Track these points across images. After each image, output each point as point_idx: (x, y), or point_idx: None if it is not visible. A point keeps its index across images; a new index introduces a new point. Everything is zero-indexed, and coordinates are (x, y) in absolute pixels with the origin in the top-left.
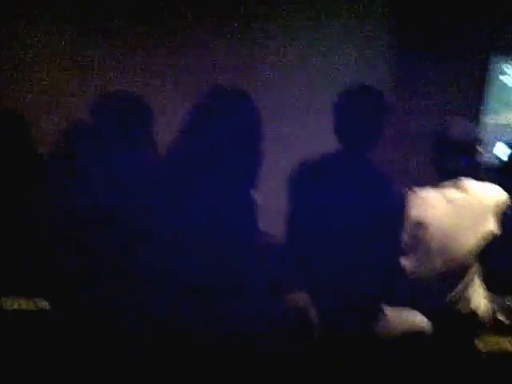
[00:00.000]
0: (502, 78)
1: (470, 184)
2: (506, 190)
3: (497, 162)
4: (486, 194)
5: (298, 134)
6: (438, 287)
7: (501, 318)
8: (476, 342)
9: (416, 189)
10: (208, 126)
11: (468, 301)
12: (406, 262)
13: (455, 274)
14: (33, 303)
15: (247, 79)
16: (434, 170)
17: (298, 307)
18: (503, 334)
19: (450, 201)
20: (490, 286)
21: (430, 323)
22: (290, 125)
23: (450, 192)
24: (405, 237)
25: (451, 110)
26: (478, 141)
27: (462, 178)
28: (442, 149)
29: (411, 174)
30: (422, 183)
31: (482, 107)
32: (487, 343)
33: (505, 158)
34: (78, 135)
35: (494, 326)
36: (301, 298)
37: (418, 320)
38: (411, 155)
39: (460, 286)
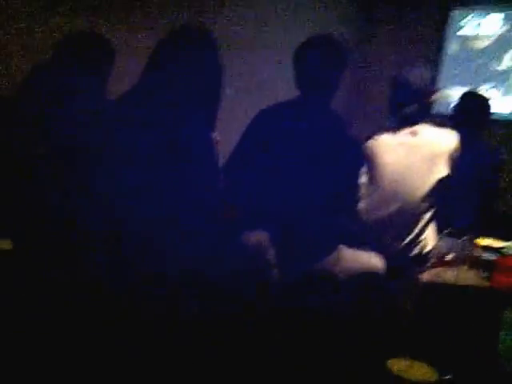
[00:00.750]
0: (459, 32)
1: (423, 129)
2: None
3: (452, 111)
4: (439, 140)
5: (259, 81)
6: (393, 231)
7: (448, 257)
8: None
9: (372, 134)
10: (166, 70)
11: (423, 246)
12: (362, 205)
13: (410, 217)
14: None
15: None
16: (391, 117)
17: (258, 246)
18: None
19: (402, 144)
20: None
21: (384, 263)
22: (253, 73)
23: (404, 136)
24: (362, 180)
25: (410, 60)
26: (434, 89)
27: (418, 125)
28: (400, 96)
29: (370, 120)
30: (380, 129)
31: (441, 58)
32: (432, 275)
33: (459, 108)
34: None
35: (440, 262)
36: (260, 237)
37: (374, 260)
38: (371, 102)
39: (416, 231)
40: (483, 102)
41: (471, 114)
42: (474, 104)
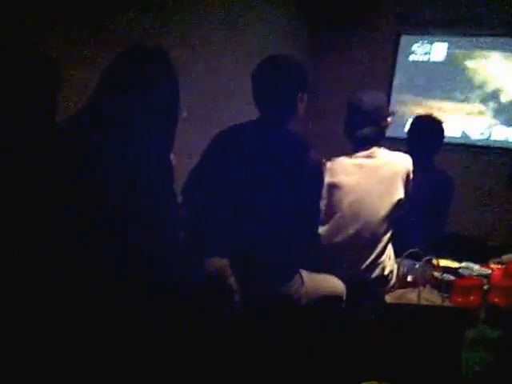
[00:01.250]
0: (410, 57)
1: (380, 152)
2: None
3: (406, 133)
4: (395, 162)
5: (217, 104)
6: (353, 254)
7: (409, 278)
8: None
9: (331, 157)
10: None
11: (383, 267)
12: (322, 230)
13: (370, 239)
14: None
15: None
16: (348, 140)
17: (219, 273)
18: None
19: (361, 167)
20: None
21: (345, 287)
22: (211, 94)
23: (362, 159)
24: (321, 204)
25: (364, 85)
26: (388, 113)
27: (374, 148)
28: (355, 120)
29: (328, 144)
30: (338, 153)
31: (393, 83)
32: (393, 297)
33: (412, 131)
34: None
35: (402, 284)
36: (220, 264)
37: (335, 284)
38: (327, 126)
39: (375, 253)
40: (436, 125)
41: (424, 137)
42: (426, 127)
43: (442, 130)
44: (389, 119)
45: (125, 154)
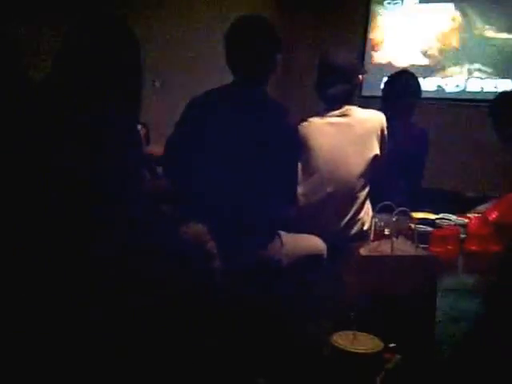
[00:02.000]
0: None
1: (353, 111)
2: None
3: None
4: (369, 119)
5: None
6: (331, 212)
7: (387, 232)
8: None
9: (305, 118)
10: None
11: (362, 223)
12: (300, 190)
13: (347, 197)
14: None
15: None
16: (320, 99)
17: (196, 238)
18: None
19: (334, 126)
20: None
21: (325, 245)
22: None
23: (335, 118)
24: (299, 165)
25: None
26: (360, 71)
27: (347, 106)
28: (326, 78)
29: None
30: (311, 113)
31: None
32: (368, 249)
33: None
34: None
35: (379, 237)
36: (198, 229)
37: (314, 243)
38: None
39: (353, 210)
40: (411, 81)
41: (400, 94)
42: (402, 83)
43: (418, 86)
44: (360, 77)
45: (88, 126)
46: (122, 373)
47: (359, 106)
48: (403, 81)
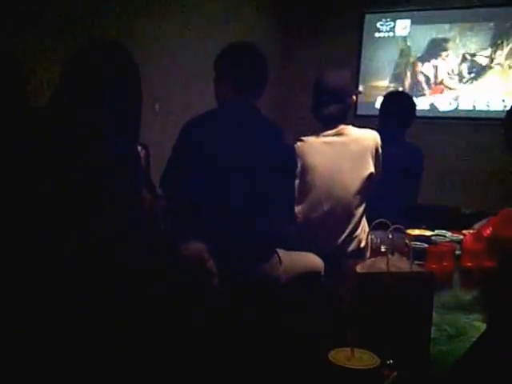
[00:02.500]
0: (376, 34)
1: (348, 130)
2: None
3: (379, 111)
4: (364, 138)
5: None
6: (329, 230)
7: (383, 249)
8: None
9: (301, 138)
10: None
11: (359, 241)
12: (298, 208)
13: (344, 215)
14: None
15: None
16: (316, 120)
17: (196, 257)
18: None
19: (330, 145)
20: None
21: (323, 262)
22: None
23: (331, 137)
24: (296, 184)
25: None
26: (353, 91)
27: (341, 125)
28: (320, 98)
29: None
30: (307, 132)
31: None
32: (364, 266)
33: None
34: None
35: (375, 254)
36: (198, 247)
37: (312, 260)
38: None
39: (350, 227)
40: (406, 101)
41: (395, 113)
42: (398, 103)
43: (414, 106)
44: (354, 97)
45: (90, 149)
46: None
47: (354, 125)
48: (399, 101)
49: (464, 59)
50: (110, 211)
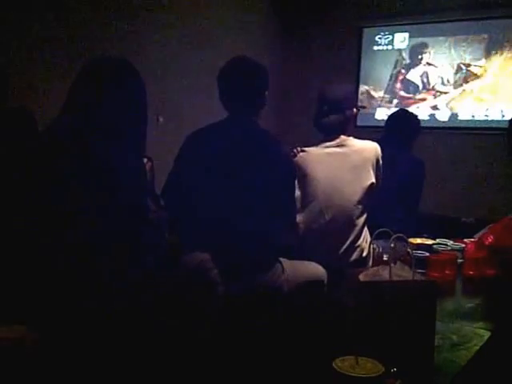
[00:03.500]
0: (375, 48)
1: (349, 141)
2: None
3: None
4: (364, 149)
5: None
6: (330, 239)
7: (385, 257)
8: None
9: (302, 148)
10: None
11: (361, 250)
12: (299, 218)
13: (345, 224)
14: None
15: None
16: (317, 130)
17: (200, 267)
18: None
19: (331, 155)
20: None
21: (325, 272)
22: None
23: (332, 148)
24: (297, 194)
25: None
26: (354, 104)
27: (342, 136)
28: (322, 109)
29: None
30: (309, 143)
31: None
32: (367, 275)
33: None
34: None
35: (378, 263)
36: (202, 257)
37: (315, 269)
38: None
39: (352, 237)
40: (411, 119)
41: (400, 130)
42: (404, 122)
43: (418, 124)
44: (355, 110)
45: (96, 161)
46: None
47: (354, 136)
48: (406, 118)
49: (459, 69)
50: (117, 221)
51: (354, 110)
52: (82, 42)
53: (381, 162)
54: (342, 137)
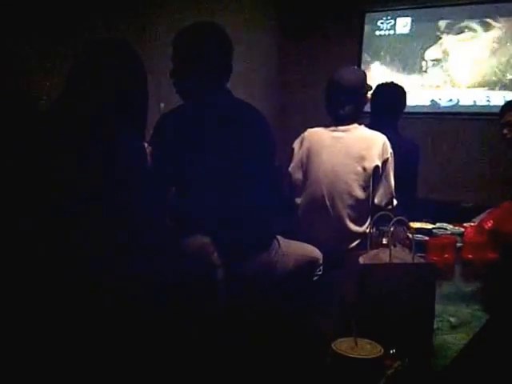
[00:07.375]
0: (377, 32)
1: (358, 128)
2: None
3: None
4: (370, 137)
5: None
6: (330, 223)
7: (385, 241)
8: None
9: (311, 127)
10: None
11: (360, 234)
12: (300, 200)
13: (345, 208)
14: None
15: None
16: (330, 116)
17: (201, 250)
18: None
19: (337, 139)
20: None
21: (320, 253)
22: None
23: (340, 133)
24: (298, 174)
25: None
26: (367, 89)
27: (354, 124)
28: (337, 98)
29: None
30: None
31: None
32: (367, 258)
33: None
34: None
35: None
36: (203, 240)
37: (310, 249)
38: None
39: (352, 221)
40: (396, 92)
41: (386, 104)
42: (387, 94)
43: (404, 96)
44: (368, 95)
45: (96, 145)
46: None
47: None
48: (388, 90)
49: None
50: (118, 206)
51: (368, 95)
52: (85, 20)
53: (392, 159)
54: (354, 124)
